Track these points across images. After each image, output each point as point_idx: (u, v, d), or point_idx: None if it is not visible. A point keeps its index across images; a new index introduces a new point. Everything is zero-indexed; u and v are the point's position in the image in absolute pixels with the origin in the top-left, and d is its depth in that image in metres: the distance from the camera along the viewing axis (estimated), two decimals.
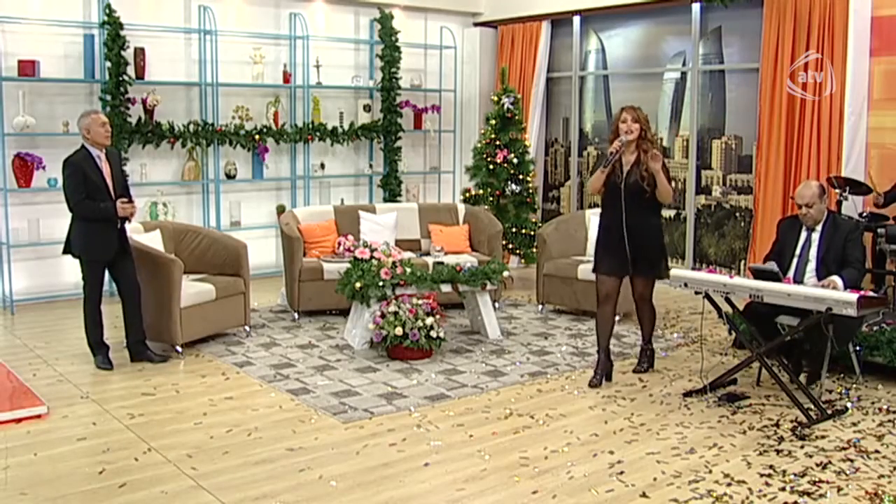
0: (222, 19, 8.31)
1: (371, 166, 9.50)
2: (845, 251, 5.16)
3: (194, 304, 5.94)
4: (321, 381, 5.37)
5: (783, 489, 3.85)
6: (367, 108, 9.31)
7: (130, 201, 5.52)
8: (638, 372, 5.58)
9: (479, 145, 8.66)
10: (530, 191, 8.61)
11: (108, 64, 7.47)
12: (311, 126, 8.85)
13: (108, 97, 7.49)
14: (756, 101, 7.86)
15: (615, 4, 8.82)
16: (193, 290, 5.98)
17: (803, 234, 5.33)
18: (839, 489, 3.85)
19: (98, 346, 5.64)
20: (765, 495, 3.79)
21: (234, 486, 3.82)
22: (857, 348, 5.43)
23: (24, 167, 7.20)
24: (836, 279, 4.93)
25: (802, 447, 4.35)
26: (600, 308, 5.45)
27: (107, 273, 5.67)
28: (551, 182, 10.08)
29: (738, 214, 8.29)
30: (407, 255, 7.05)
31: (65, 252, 5.59)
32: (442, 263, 6.59)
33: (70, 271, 7.64)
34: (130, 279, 5.65)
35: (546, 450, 4.30)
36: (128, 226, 5.68)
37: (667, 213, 8.82)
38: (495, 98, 8.76)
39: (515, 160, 8.47)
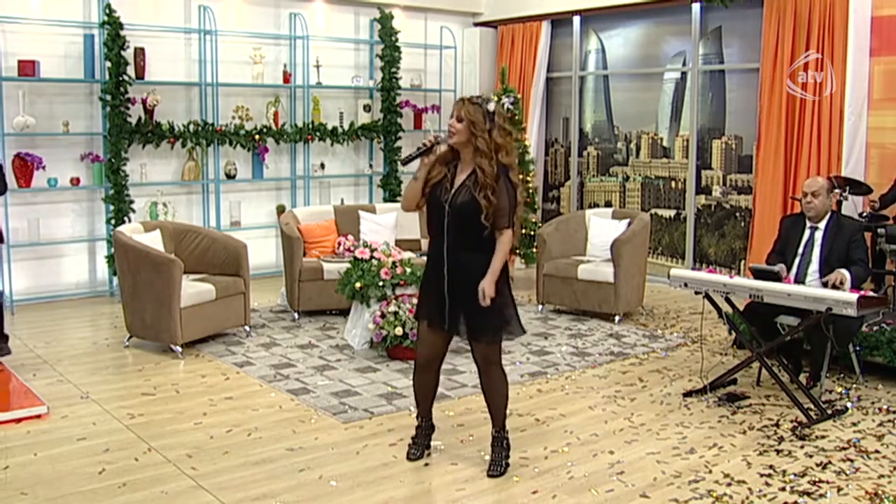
0: (222, 19, 8.31)
1: (371, 166, 9.49)
2: (850, 252, 5.13)
3: (194, 304, 5.93)
4: (321, 381, 5.37)
5: (783, 489, 3.85)
6: (367, 108, 9.30)
7: None
8: (493, 476, 3.94)
9: None
10: (530, 191, 8.59)
11: (108, 64, 7.46)
12: (311, 126, 8.84)
13: (108, 97, 7.48)
14: (756, 101, 7.85)
15: (615, 4, 8.82)
16: (193, 290, 5.97)
17: (806, 233, 5.30)
18: (839, 489, 3.85)
19: None
20: (765, 495, 3.79)
21: (234, 486, 3.82)
22: (857, 348, 5.43)
23: (24, 167, 7.20)
24: (844, 271, 4.93)
25: (802, 447, 4.36)
26: (418, 375, 4.06)
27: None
28: (551, 182, 10.07)
29: (738, 214, 8.28)
30: (407, 255, 7.02)
31: None
32: None
33: (70, 271, 7.66)
34: None
35: (546, 450, 4.30)
36: None
37: (667, 213, 8.84)
38: (495, 98, 8.74)
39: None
